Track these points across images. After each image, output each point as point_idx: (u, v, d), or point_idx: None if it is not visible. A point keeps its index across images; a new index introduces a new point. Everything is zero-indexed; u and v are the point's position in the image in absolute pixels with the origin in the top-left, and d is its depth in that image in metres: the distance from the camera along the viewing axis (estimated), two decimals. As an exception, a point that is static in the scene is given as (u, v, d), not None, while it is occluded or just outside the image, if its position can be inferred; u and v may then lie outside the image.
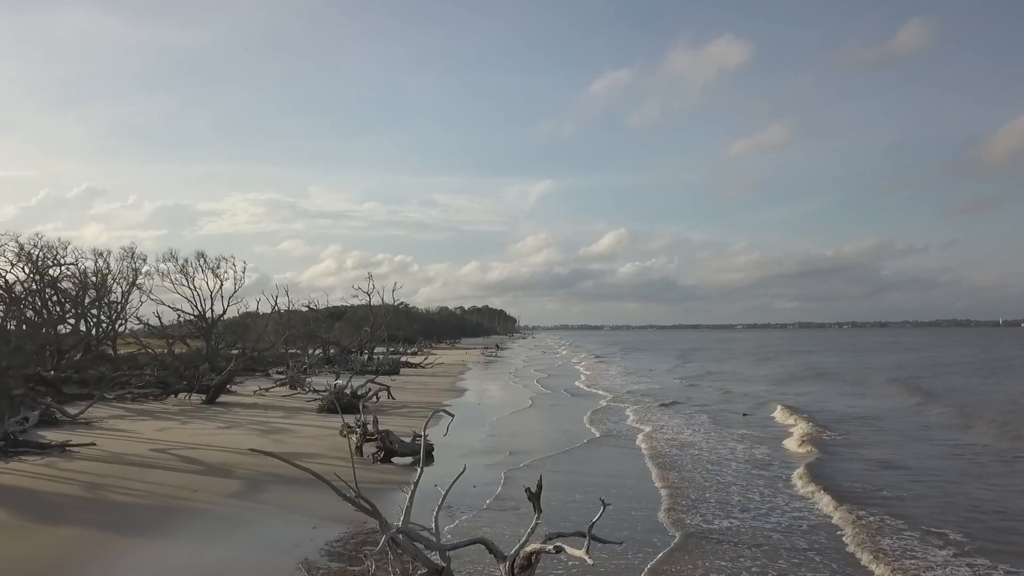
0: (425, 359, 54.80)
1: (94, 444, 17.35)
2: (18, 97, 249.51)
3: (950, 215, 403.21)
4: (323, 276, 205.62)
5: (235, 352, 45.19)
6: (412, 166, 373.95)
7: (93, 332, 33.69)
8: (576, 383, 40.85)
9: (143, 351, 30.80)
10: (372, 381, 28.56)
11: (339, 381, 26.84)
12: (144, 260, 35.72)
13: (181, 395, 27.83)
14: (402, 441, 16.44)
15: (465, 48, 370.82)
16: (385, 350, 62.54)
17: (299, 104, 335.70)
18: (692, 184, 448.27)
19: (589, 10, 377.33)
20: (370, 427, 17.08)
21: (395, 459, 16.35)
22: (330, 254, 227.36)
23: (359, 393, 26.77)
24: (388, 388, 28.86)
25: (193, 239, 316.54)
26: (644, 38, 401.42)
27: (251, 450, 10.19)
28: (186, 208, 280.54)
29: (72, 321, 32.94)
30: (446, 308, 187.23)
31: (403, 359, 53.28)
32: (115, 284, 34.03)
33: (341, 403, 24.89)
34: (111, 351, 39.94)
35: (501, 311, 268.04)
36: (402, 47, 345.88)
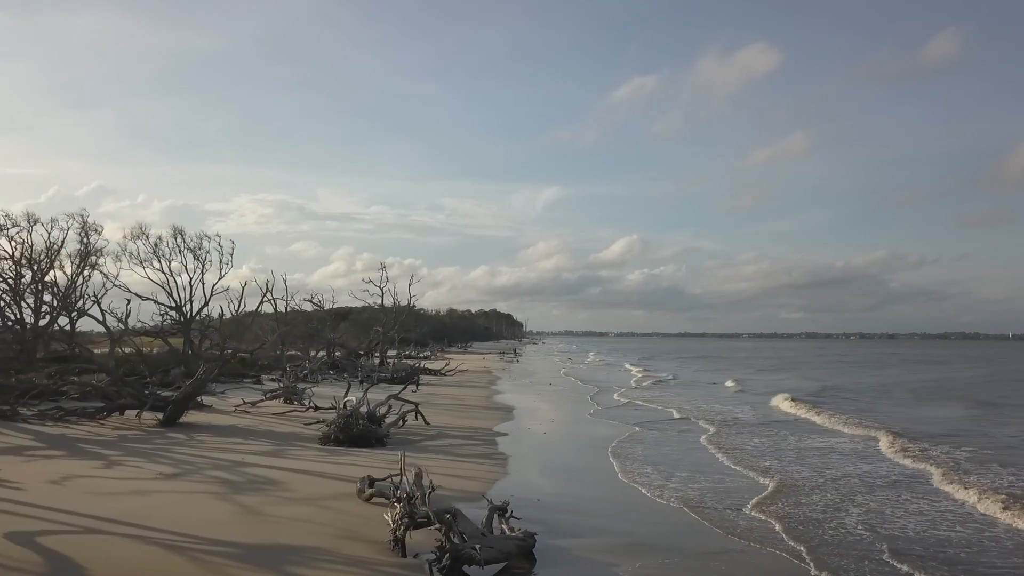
0: (446, 365, 46.81)
1: (-90, 519, 9.49)
2: (30, 97, 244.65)
3: (964, 228, 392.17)
4: (332, 278, 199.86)
5: (216, 353, 37.46)
6: (420, 171, 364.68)
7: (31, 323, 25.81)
8: (630, 399, 33.00)
9: (77, 350, 22.88)
10: (395, 397, 20.64)
11: (350, 398, 18.93)
12: (99, 232, 27.77)
13: (132, 413, 19.93)
14: (483, 535, 8.42)
15: (480, 55, 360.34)
16: (396, 354, 54.68)
17: (309, 108, 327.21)
18: (708, 194, 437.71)
19: (627, 13, 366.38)
20: (419, 501, 9.05)
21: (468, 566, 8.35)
22: (340, 256, 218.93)
23: (377, 415, 18.88)
24: (417, 407, 20.95)
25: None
26: (677, 43, 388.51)
27: None
28: (194, 208, 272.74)
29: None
30: (455, 310, 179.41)
31: (421, 364, 45.28)
32: (59, 262, 26.10)
33: (354, 432, 17.10)
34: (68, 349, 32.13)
35: (508, 315, 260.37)
36: (414, 54, 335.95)
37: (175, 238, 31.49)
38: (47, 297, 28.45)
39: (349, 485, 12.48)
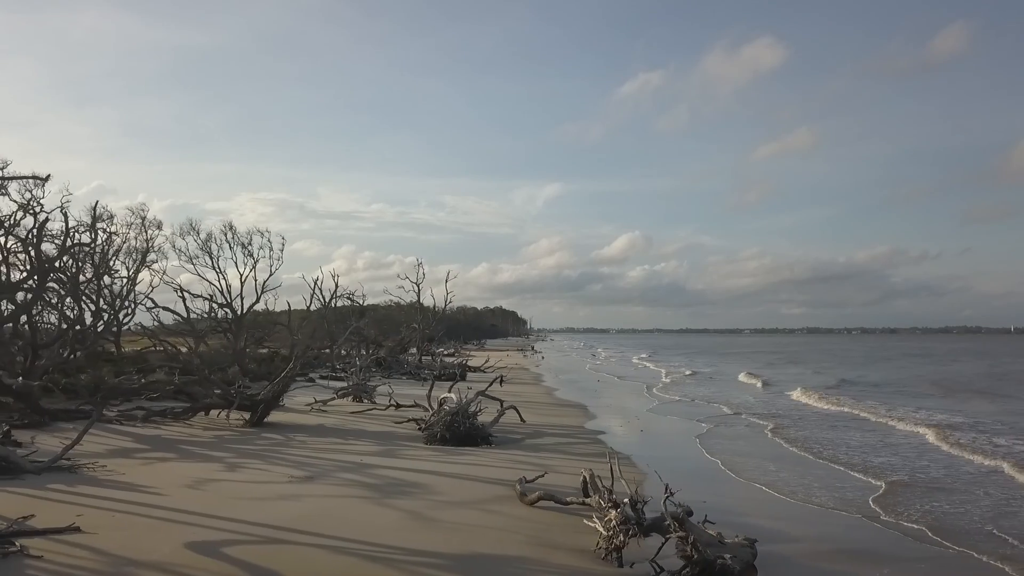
0: (486, 361, 46.20)
1: (76, 528, 8.87)
2: (32, 95, 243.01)
3: (968, 223, 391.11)
4: (332, 276, 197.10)
5: (264, 351, 36.84)
6: (421, 168, 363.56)
7: (92, 322, 25.09)
8: (679, 396, 32.54)
9: (155, 348, 22.15)
10: (483, 394, 19.99)
11: (450, 395, 18.22)
12: (159, 227, 27.11)
13: (213, 413, 19.29)
14: (720, 543, 7.77)
15: (483, 51, 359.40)
16: (441, 351, 54.09)
17: (310, 105, 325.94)
18: (711, 190, 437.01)
19: (635, 8, 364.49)
20: (627, 505, 8.37)
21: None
22: (342, 254, 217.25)
23: (471, 412, 18.22)
24: (503, 403, 20.29)
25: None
26: (685, 38, 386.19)
27: None
28: (195, 207, 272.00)
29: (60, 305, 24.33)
30: (465, 307, 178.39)
31: (466, 362, 44.63)
32: (116, 258, 25.33)
33: (460, 431, 16.54)
34: (113, 348, 31.51)
35: (514, 312, 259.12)
36: (416, 50, 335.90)
37: (225, 234, 30.82)
38: (96, 295, 27.77)
39: (497, 488, 11.91)
